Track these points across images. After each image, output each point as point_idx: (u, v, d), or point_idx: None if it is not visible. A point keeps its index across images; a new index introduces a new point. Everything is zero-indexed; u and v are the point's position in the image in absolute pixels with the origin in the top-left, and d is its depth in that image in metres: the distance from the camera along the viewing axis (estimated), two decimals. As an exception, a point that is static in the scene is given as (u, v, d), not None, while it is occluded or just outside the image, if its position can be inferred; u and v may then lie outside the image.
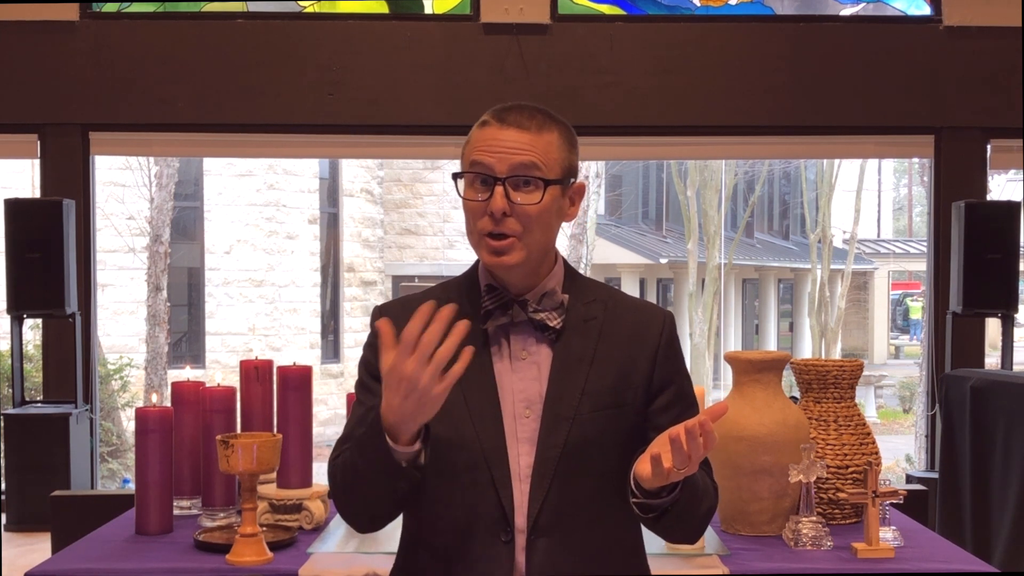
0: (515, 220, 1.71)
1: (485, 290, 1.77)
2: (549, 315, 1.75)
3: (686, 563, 2.36)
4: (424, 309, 1.56)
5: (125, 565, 2.34)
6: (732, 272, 18.98)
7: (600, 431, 1.71)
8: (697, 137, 6.70)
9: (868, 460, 2.54)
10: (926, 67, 6.37)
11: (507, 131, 1.72)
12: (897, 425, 15.72)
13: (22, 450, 5.82)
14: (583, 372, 1.74)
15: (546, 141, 1.73)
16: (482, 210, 1.72)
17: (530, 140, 1.72)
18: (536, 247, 1.73)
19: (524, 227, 1.71)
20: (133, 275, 12.55)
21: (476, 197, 1.73)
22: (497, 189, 1.70)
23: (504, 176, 1.70)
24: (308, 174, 13.94)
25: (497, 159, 1.71)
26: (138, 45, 6.35)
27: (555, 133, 1.75)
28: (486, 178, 1.71)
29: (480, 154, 1.72)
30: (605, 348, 1.76)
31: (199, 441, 2.68)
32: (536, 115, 1.74)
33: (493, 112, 1.76)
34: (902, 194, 29.88)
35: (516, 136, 1.72)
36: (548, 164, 1.72)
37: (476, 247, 1.76)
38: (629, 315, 1.81)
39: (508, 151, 1.71)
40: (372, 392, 1.77)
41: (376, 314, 1.82)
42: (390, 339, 1.57)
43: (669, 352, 1.80)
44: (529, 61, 6.34)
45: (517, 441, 1.72)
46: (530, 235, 1.72)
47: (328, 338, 14.69)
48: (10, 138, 6.51)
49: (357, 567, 2.31)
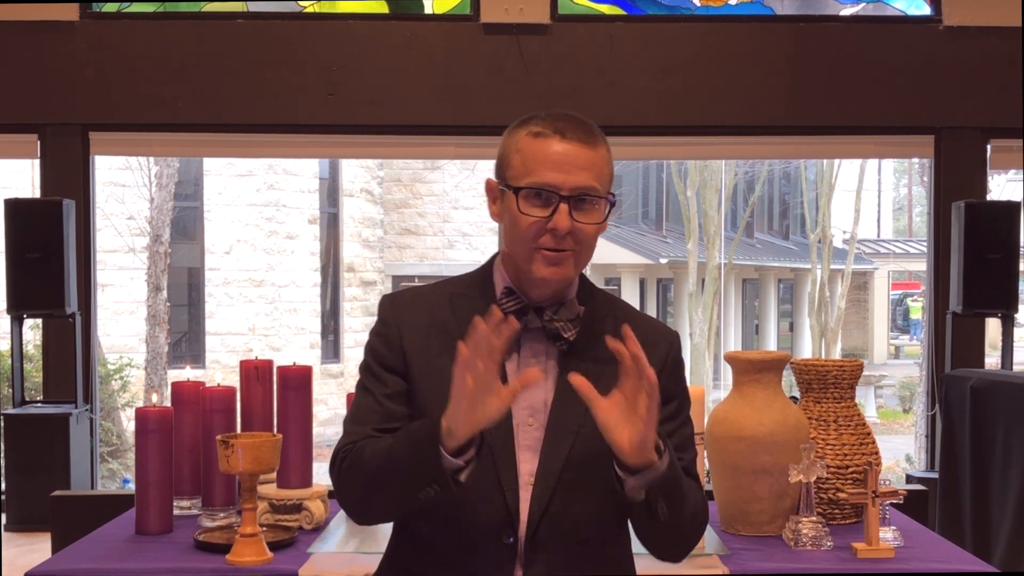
0: (572, 238, 1.70)
1: (504, 293, 1.76)
2: (564, 325, 1.74)
3: (686, 563, 2.35)
4: (497, 314, 1.57)
5: (125, 565, 2.34)
6: (732, 272, 18.98)
7: (603, 446, 1.68)
8: (697, 137, 6.70)
9: (868, 460, 2.54)
10: (926, 67, 6.37)
11: (568, 146, 1.70)
12: (897, 425, 15.72)
13: (22, 450, 5.82)
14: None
15: (602, 158, 1.73)
16: (541, 226, 1.70)
17: (590, 157, 1.71)
18: (584, 263, 1.75)
19: (580, 245, 1.71)
20: (133, 275, 12.55)
21: (536, 213, 1.70)
22: (561, 207, 1.68)
23: (568, 195, 1.69)
24: (308, 174, 13.95)
25: (561, 178, 1.69)
26: (138, 45, 6.35)
27: (604, 148, 1.74)
28: (550, 196, 1.69)
29: (541, 169, 1.70)
30: (613, 364, 1.74)
31: (199, 441, 2.68)
32: (591, 131, 1.73)
33: (545, 122, 1.73)
34: (902, 194, 29.88)
35: (578, 152, 1.70)
36: (603, 182, 1.72)
37: (527, 259, 1.72)
38: (639, 333, 1.79)
39: (572, 168, 1.69)
40: (380, 380, 1.76)
41: (386, 301, 1.82)
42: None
43: (674, 372, 1.82)
44: (529, 61, 6.35)
45: (518, 448, 1.72)
46: (583, 253, 1.73)
47: (328, 338, 14.69)
48: (10, 138, 6.51)
49: (357, 567, 2.31)
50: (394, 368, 1.76)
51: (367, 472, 1.70)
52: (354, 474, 1.72)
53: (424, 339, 1.76)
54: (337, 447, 1.77)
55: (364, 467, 1.70)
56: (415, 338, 1.76)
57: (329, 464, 1.79)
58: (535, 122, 1.73)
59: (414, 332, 1.77)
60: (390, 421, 1.74)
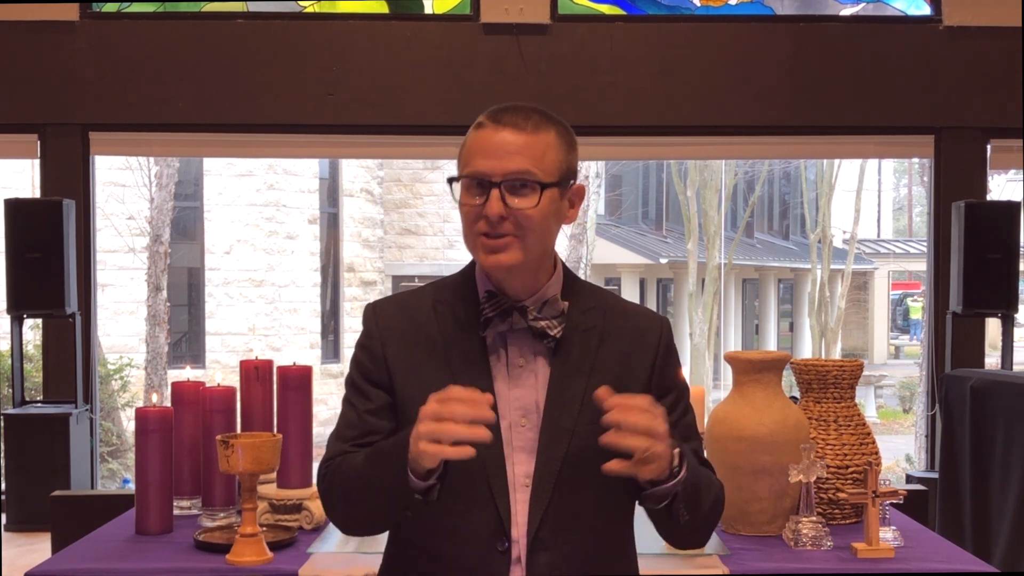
0: (511, 223, 1.67)
1: (485, 297, 1.74)
2: (549, 323, 1.72)
3: (686, 563, 2.36)
4: (487, 398, 1.55)
5: (125, 565, 2.33)
6: (732, 272, 18.98)
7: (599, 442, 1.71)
8: (697, 137, 6.70)
9: (868, 460, 2.54)
10: (926, 67, 6.37)
11: (502, 133, 1.68)
12: (897, 425, 15.72)
13: (22, 450, 5.82)
14: (582, 383, 1.71)
15: (543, 143, 1.69)
16: (476, 214, 1.68)
17: (526, 142, 1.68)
18: (534, 250, 1.70)
19: (522, 229, 1.68)
20: (133, 275, 12.55)
21: (472, 201, 1.69)
22: (493, 193, 1.66)
23: (499, 180, 1.66)
24: (308, 174, 13.95)
25: (492, 164, 1.67)
26: (138, 45, 6.35)
27: (552, 134, 1.71)
28: (482, 181, 1.68)
29: (475, 158, 1.69)
30: (603, 358, 1.74)
31: (199, 441, 2.68)
32: (532, 115, 1.70)
33: (488, 113, 1.72)
34: (902, 194, 29.88)
35: (512, 138, 1.67)
36: (545, 167, 1.68)
37: (473, 250, 1.73)
38: (627, 323, 1.79)
39: (503, 154, 1.67)
40: (363, 394, 1.76)
41: (369, 311, 1.81)
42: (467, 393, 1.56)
43: (667, 360, 1.80)
44: (529, 61, 6.34)
45: (513, 450, 1.70)
46: (528, 237, 1.68)
47: (328, 338, 14.69)
48: (10, 138, 6.51)
49: (357, 567, 2.31)
50: (378, 381, 1.76)
51: (343, 490, 1.71)
52: (333, 491, 1.73)
53: (407, 348, 1.75)
54: (320, 463, 1.78)
55: (341, 484, 1.71)
56: (398, 348, 1.75)
57: (316, 479, 1.80)
58: (482, 115, 1.73)
59: (397, 343, 1.76)
60: (372, 436, 1.74)
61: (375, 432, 1.74)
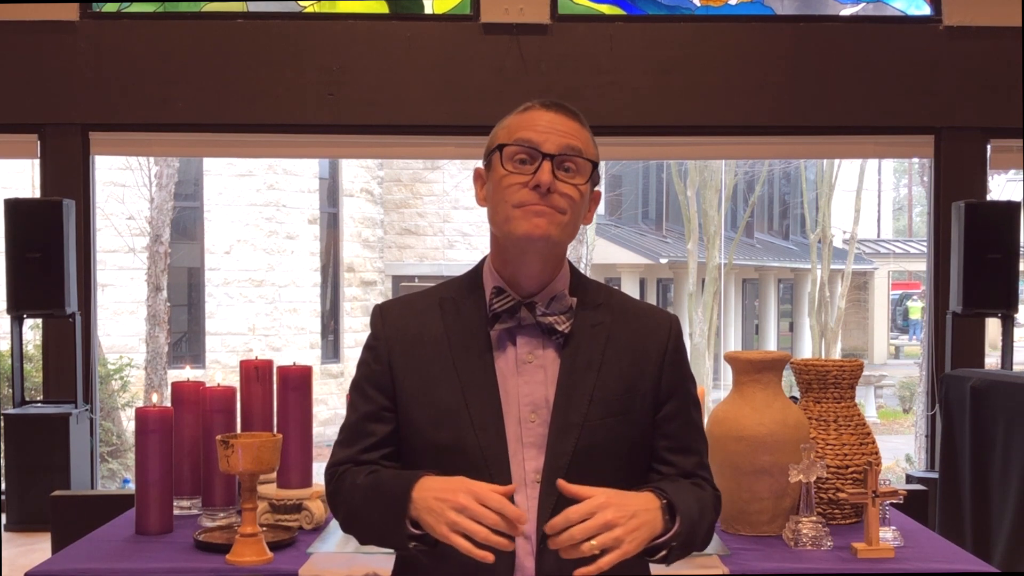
0: (555, 198, 1.68)
1: (493, 292, 1.74)
2: (558, 319, 1.73)
3: (686, 563, 2.35)
4: (521, 517, 1.57)
5: (125, 565, 2.34)
6: (732, 272, 18.98)
7: (609, 438, 1.70)
8: (697, 137, 6.70)
9: (868, 460, 2.54)
10: (926, 67, 6.37)
11: (553, 113, 1.72)
12: (897, 425, 15.73)
13: (22, 450, 5.82)
14: (591, 378, 1.72)
15: (587, 133, 1.75)
16: (522, 183, 1.68)
17: (574, 127, 1.72)
18: (566, 232, 1.71)
19: (562, 209, 1.69)
20: (133, 275, 12.55)
21: (516, 171, 1.70)
22: (544, 164, 1.68)
23: (554, 152, 1.69)
24: (308, 174, 13.95)
25: (546, 137, 1.69)
26: (138, 45, 6.35)
27: (588, 130, 1.76)
28: (533, 152, 1.69)
29: (525, 131, 1.70)
30: (612, 354, 1.74)
31: (199, 441, 2.68)
32: (576, 111, 1.76)
33: (533, 102, 1.76)
34: (902, 194, 29.90)
35: (563, 120, 1.72)
36: (588, 149, 1.73)
37: (505, 222, 1.70)
38: (636, 320, 1.79)
39: (557, 132, 1.70)
40: (368, 398, 1.77)
41: (376, 313, 1.82)
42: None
43: (676, 358, 1.79)
44: (529, 61, 6.35)
45: (522, 446, 1.71)
46: (568, 217, 1.70)
47: (328, 338, 14.70)
48: (10, 138, 6.51)
49: (357, 567, 2.31)
50: (382, 385, 1.77)
51: (345, 507, 1.75)
52: (336, 502, 1.77)
53: (413, 349, 1.76)
54: (326, 467, 1.81)
55: (344, 501, 1.75)
56: (404, 350, 1.76)
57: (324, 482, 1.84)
58: (525, 105, 1.76)
59: (403, 344, 1.76)
60: (372, 438, 1.76)
61: (371, 435, 1.76)
